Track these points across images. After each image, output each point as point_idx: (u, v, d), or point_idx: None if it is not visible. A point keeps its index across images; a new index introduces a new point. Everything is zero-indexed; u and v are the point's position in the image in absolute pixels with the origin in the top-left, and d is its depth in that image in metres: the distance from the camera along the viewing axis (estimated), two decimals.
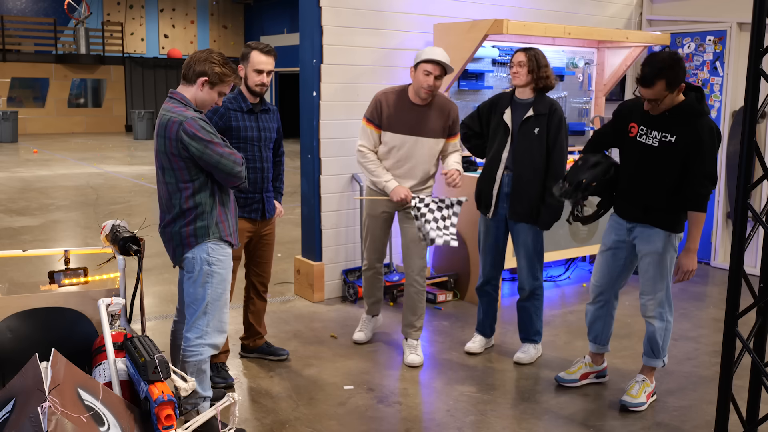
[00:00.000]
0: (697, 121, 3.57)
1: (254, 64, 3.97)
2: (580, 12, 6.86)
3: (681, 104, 3.60)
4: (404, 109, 4.31)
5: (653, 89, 3.50)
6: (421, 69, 4.18)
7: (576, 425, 3.71)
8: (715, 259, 6.96)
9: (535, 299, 4.47)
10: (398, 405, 3.91)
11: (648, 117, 3.69)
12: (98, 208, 9.88)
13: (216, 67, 3.21)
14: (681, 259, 3.71)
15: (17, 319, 3.27)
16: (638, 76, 3.55)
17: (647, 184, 3.72)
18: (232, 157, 3.19)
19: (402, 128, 4.30)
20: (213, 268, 3.29)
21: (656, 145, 3.65)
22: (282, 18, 23.36)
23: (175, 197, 3.25)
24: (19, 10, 23.54)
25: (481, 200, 4.45)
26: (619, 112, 3.89)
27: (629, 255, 3.91)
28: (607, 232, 3.99)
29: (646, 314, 3.89)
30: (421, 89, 4.22)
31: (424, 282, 4.50)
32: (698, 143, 3.54)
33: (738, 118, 6.74)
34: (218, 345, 3.40)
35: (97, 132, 24.29)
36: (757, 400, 3.16)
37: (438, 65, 4.16)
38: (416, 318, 4.51)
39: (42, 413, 2.32)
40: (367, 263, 4.67)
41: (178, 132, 3.12)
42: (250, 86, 4.01)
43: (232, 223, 3.39)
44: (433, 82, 4.18)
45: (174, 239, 3.31)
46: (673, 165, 3.62)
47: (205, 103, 3.28)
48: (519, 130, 4.27)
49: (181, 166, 3.19)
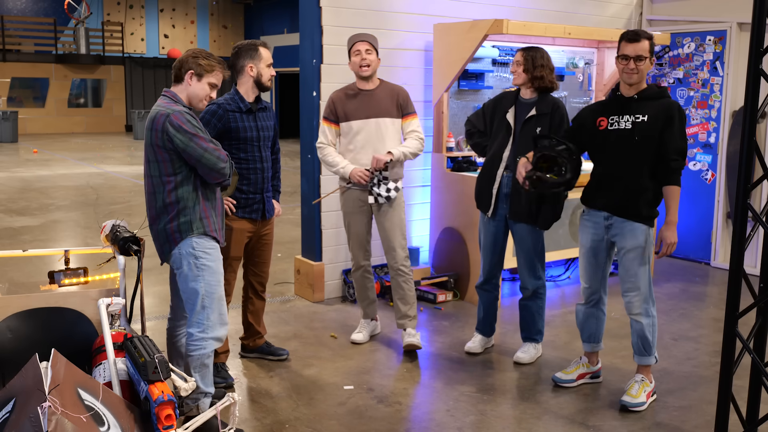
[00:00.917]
0: (664, 100, 3.77)
1: (266, 59, 4.06)
2: (580, 12, 6.86)
3: (646, 89, 3.80)
4: (354, 97, 4.51)
5: (639, 44, 3.70)
6: (352, 54, 4.45)
7: (576, 425, 3.71)
8: (715, 259, 6.96)
9: (538, 298, 4.47)
10: (398, 405, 3.91)
11: (615, 106, 3.83)
12: (98, 208, 9.88)
13: (200, 60, 3.31)
14: (663, 232, 3.73)
15: (17, 319, 3.27)
16: (623, 35, 3.77)
17: (626, 168, 3.77)
18: (216, 152, 3.23)
19: (356, 114, 4.48)
20: (201, 261, 3.31)
21: (630, 127, 3.76)
22: (282, 18, 23.36)
23: (159, 190, 3.29)
24: (19, 10, 23.54)
25: (481, 199, 4.45)
26: (584, 113, 4.00)
27: (608, 251, 3.97)
28: (583, 232, 4.01)
29: (632, 311, 3.90)
30: (359, 69, 4.43)
31: (410, 270, 4.59)
32: (670, 118, 3.70)
33: (738, 118, 6.74)
34: (221, 338, 3.41)
35: (97, 132, 24.30)
36: (757, 400, 3.16)
37: (362, 42, 4.41)
38: (409, 307, 4.55)
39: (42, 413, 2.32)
40: (354, 263, 4.72)
41: (164, 124, 3.18)
42: (264, 81, 4.06)
43: (217, 220, 3.41)
44: (365, 56, 4.40)
45: (160, 237, 3.35)
46: (649, 141, 3.72)
47: (197, 96, 3.32)
48: (521, 130, 4.27)
49: (165, 158, 3.23)
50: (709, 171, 6.97)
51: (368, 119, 4.45)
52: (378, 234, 4.65)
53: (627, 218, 3.80)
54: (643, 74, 3.75)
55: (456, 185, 5.69)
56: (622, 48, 3.76)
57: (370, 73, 4.44)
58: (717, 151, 6.89)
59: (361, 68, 4.40)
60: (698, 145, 7.04)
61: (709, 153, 6.95)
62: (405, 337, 4.58)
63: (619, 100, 3.83)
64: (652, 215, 3.80)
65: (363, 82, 4.48)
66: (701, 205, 7.00)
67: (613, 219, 3.85)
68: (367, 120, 4.45)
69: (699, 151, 7.03)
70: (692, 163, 7.08)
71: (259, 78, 4.04)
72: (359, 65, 4.40)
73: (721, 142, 6.85)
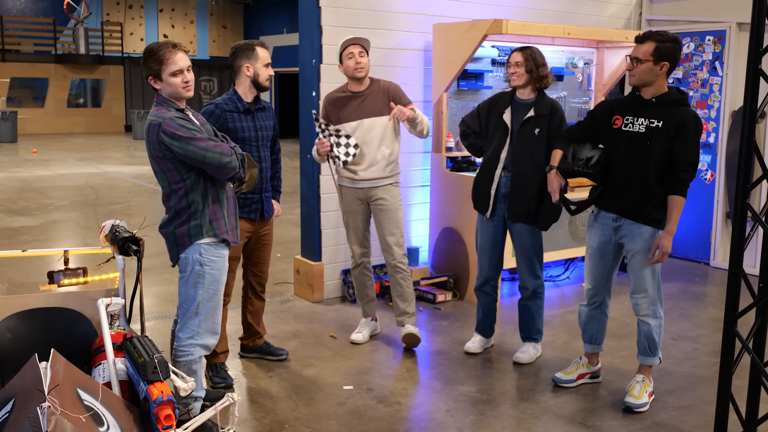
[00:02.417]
0: (681, 108, 3.69)
1: (263, 59, 4.05)
2: (580, 12, 6.87)
3: (665, 93, 3.72)
4: (346, 100, 4.53)
5: (642, 47, 3.67)
6: (344, 57, 4.44)
7: (575, 425, 3.71)
8: (715, 259, 6.96)
9: (537, 298, 4.47)
10: (398, 405, 3.91)
11: (632, 107, 3.78)
12: (98, 208, 9.88)
13: (148, 62, 3.17)
14: (659, 240, 3.71)
15: (17, 319, 3.27)
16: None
17: (636, 171, 3.74)
18: (217, 149, 3.15)
19: (347, 116, 4.49)
20: (205, 269, 3.29)
21: (643, 131, 3.71)
22: (282, 18, 23.36)
23: (172, 198, 3.27)
24: (19, 10, 23.53)
25: (479, 200, 4.44)
26: (601, 107, 3.96)
27: (616, 254, 3.95)
28: (591, 234, 4.00)
29: (639, 313, 3.90)
30: (353, 71, 4.43)
31: (408, 267, 4.61)
32: (684, 128, 3.64)
33: (737, 118, 6.74)
34: (209, 346, 3.39)
35: (97, 132, 24.29)
36: (756, 400, 3.17)
37: (355, 45, 4.41)
38: (407, 304, 4.56)
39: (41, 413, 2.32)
40: (353, 260, 4.73)
41: (159, 134, 3.13)
42: (261, 82, 4.04)
43: (229, 220, 3.38)
44: (359, 59, 4.40)
45: (169, 239, 3.33)
46: (660, 148, 3.67)
47: (175, 93, 3.21)
48: (519, 131, 4.27)
49: (169, 167, 3.20)
50: (708, 171, 6.97)
51: (361, 120, 4.47)
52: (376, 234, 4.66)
53: (636, 221, 3.78)
54: (642, 77, 3.69)
55: (455, 185, 5.69)
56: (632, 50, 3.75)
57: (364, 75, 4.46)
58: (716, 151, 6.90)
59: (355, 70, 4.41)
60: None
61: (709, 153, 6.95)
62: (403, 331, 4.59)
63: (637, 101, 3.78)
64: (661, 218, 3.75)
65: (355, 84, 4.50)
66: (701, 205, 7.00)
67: (622, 221, 3.83)
68: (361, 121, 4.47)
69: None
70: None
71: (256, 78, 4.03)
72: (353, 68, 4.41)
73: (721, 142, 6.85)
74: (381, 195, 4.53)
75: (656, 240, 3.72)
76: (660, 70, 3.66)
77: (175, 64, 3.16)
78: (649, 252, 3.75)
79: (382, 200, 4.53)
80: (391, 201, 4.54)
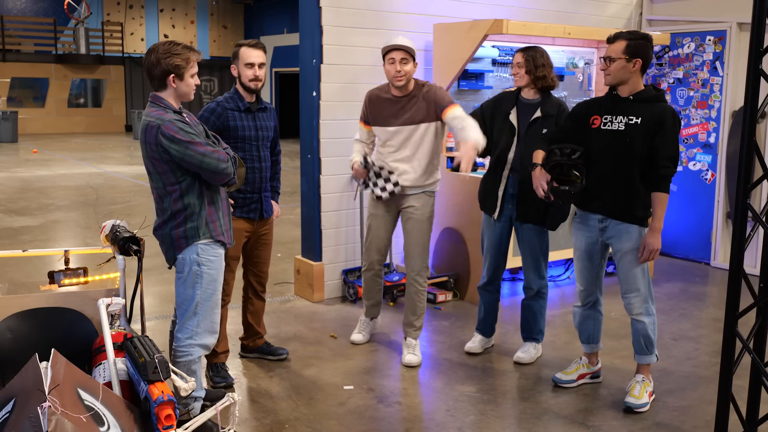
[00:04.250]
0: (659, 104, 3.73)
1: (244, 58, 3.99)
2: (580, 12, 6.87)
3: (642, 91, 3.76)
4: (387, 103, 4.38)
5: (613, 46, 3.73)
6: (386, 61, 4.26)
7: (575, 425, 3.71)
8: (715, 259, 6.96)
9: (541, 298, 4.47)
10: (398, 405, 3.91)
11: (610, 105, 3.81)
12: (98, 208, 9.88)
13: (172, 59, 3.15)
14: (647, 238, 3.72)
15: (17, 319, 3.27)
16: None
17: (619, 170, 3.74)
18: (215, 155, 3.15)
19: (386, 121, 4.37)
20: (203, 269, 3.29)
21: (623, 128, 3.73)
22: (282, 18, 23.36)
23: (166, 200, 3.26)
24: (19, 10, 23.54)
25: (486, 201, 4.43)
26: (578, 109, 3.98)
27: (603, 253, 3.96)
28: (577, 236, 4.00)
29: (633, 312, 3.90)
30: (392, 79, 4.27)
31: (424, 283, 4.50)
32: (662, 124, 3.66)
33: (738, 118, 6.74)
34: (209, 346, 3.39)
35: (97, 132, 24.29)
36: (757, 400, 3.17)
37: (398, 50, 4.22)
38: (416, 318, 4.52)
39: (42, 413, 2.32)
40: (366, 264, 4.65)
41: (157, 136, 3.11)
42: (245, 83, 4.02)
43: (224, 221, 3.38)
44: (400, 67, 4.21)
45: (165, 241, 3.32)
46: (640, 144, 3.68)
47: (187, 93, 3.24)
48: (526, 132, 4.26)
49: (165, 169, 3.19)
50: (708, 171, 6.97)
51: (402, 126, 4.32)
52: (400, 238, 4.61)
53: (622, 220, 3.79)
54: (617, 75, 3.72)
55: (456, 185, 5.69)
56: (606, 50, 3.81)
57: (404, 83, 4.27)
58: (717, 151, 6.89)
59: (395, 78, 4.23)
60: (698, 145, 7.04)
61: (709, 153, 6.95)
62: (405, 348, 4.55)
63: (615, 100, 3.82)
64: (646, 216, 3.78)
65: (397, 89, 4.33)
66: (701, 205, 7.00)
67: (608, 221, 3.84)
68: (401, 127, 4.32)
69: (699, 151, 7.03)
70: (692, 163, 7.08)
71: (239, 78, 4.02)
72: (393, 75, 4.23)
73: (721, 142, 6.85)
74: (412, 203, 4.39)
75: (644, 239, 3.73)
76: (633, 68, 3.70)
77: (195, 67, 3.23)
78: (638, 251, 3.77)
79: (413, 208, 4.40)
80: (421, 210, 4.39)
